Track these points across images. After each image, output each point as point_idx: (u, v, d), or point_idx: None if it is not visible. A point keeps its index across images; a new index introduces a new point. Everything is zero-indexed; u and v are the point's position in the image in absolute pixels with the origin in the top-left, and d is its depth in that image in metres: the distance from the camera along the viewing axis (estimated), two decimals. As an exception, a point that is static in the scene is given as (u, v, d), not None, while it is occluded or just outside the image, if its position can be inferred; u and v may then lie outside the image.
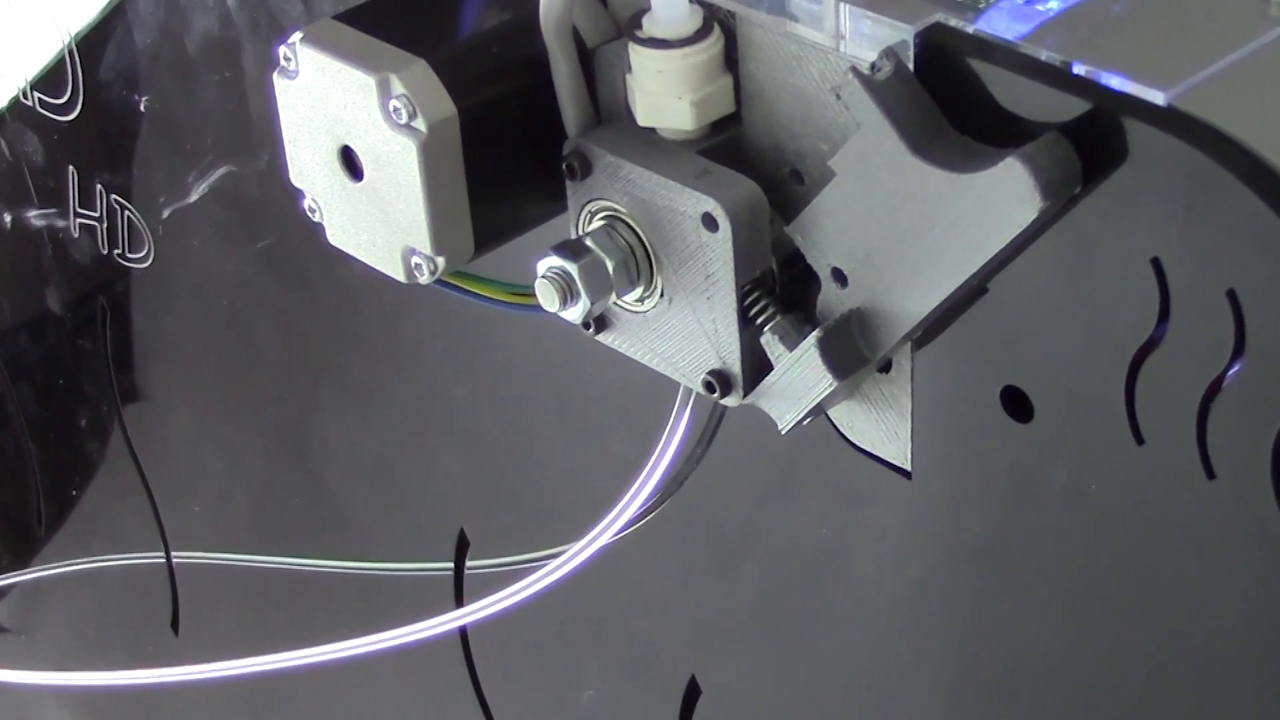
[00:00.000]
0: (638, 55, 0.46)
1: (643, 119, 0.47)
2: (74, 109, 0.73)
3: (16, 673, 0.94)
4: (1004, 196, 0.41)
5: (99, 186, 0.75)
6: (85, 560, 0.91)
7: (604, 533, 0.52)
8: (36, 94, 0.74)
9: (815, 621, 0.56)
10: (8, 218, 0.81)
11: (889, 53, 0.42)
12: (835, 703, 0.56)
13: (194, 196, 0.70)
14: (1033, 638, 0.49)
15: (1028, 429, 0.45)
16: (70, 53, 0.71)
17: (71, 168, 0.76)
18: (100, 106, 0.72)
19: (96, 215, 0.76)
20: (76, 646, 0.96)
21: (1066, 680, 0.48)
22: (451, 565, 0.69)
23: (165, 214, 0.72)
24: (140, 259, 0.75)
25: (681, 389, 0.51)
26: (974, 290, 0.44)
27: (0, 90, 0.77)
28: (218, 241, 0.72)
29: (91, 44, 0.71)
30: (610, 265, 0.47)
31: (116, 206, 0.75)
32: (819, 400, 0.46)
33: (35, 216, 0.79)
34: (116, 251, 0.76)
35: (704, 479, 0.55)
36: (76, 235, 0.78)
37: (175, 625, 0.88)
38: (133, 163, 0.73)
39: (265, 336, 0.74)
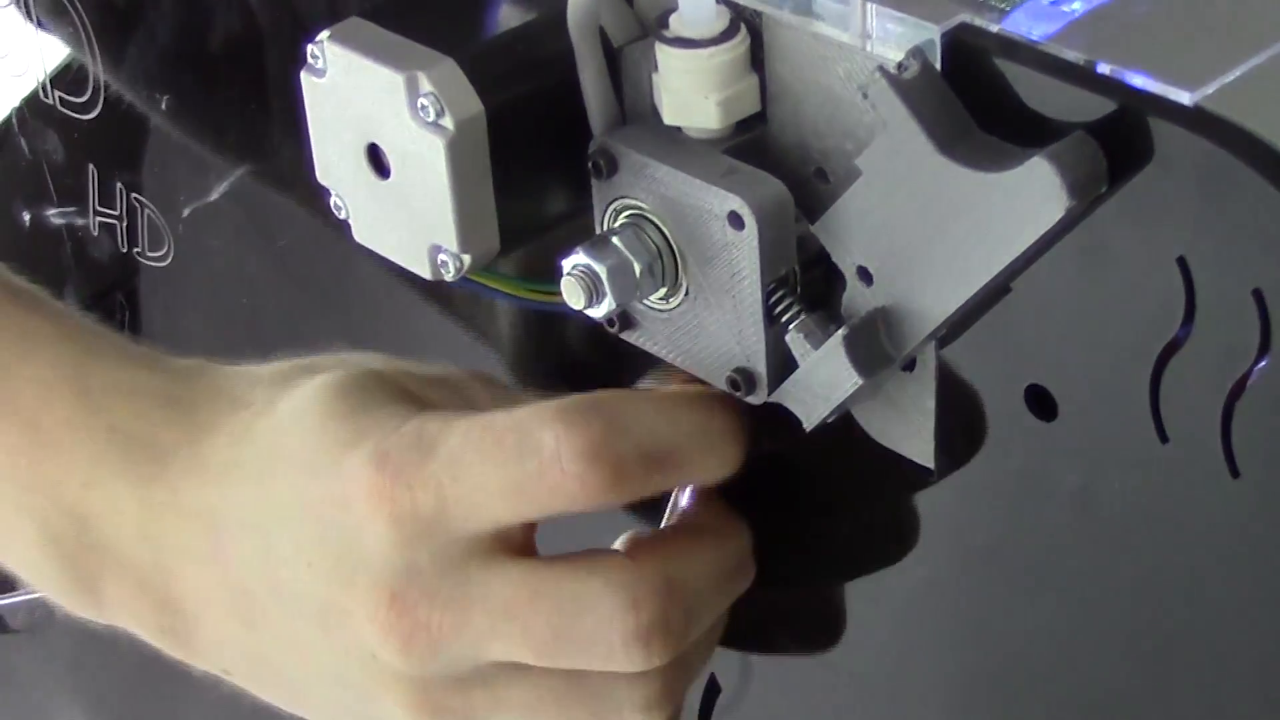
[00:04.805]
0: (664, 54, 0.46)
1: (669, 118, 0.47)
2: (94, 108, 0.73)
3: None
4: (1030, 196, 0.41)
5: (119, 185, 0.75)
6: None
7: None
8: (57, 92, 0.74)
9: (831, 617, 0.56)
10: (27, 216, 0.81)
11: (916, 52, 0.43)
12: (846, 701, 0.56)
13: (214, 195, 0.71)
14: (1054, 637, 0.49)
15: (1052, 428, 0.45)
16: (91, 51, 0.71)
17: (91, 166, 0.76)
18: (121, 105, 0.73)
19: (116, 214, 0.76)
20: (88, 645, 0.96)
21: (1087, 680, 0.48)
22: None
23: (185, 213, 0.73)
24: (160, 258, 0.75)
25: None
26: (998, 289, 0.44)
27: (19, 88, 0.77)
28: (237, 241, 0.72)
29: (113, 42, 0.71)
30: (636, 263, 0.47)
31: (136, 205, 0.75)
32: (844, 399, 0.46)
33: (54, 215, 0.80)
34: (136, 250, 0.76)
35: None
36: (96, 234, 0.78)
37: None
38: (153, 162, 0.74)
39: (283, 336, 0.74)
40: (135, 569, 0.54)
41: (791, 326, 0.46)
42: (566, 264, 0.47)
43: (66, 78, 0.74)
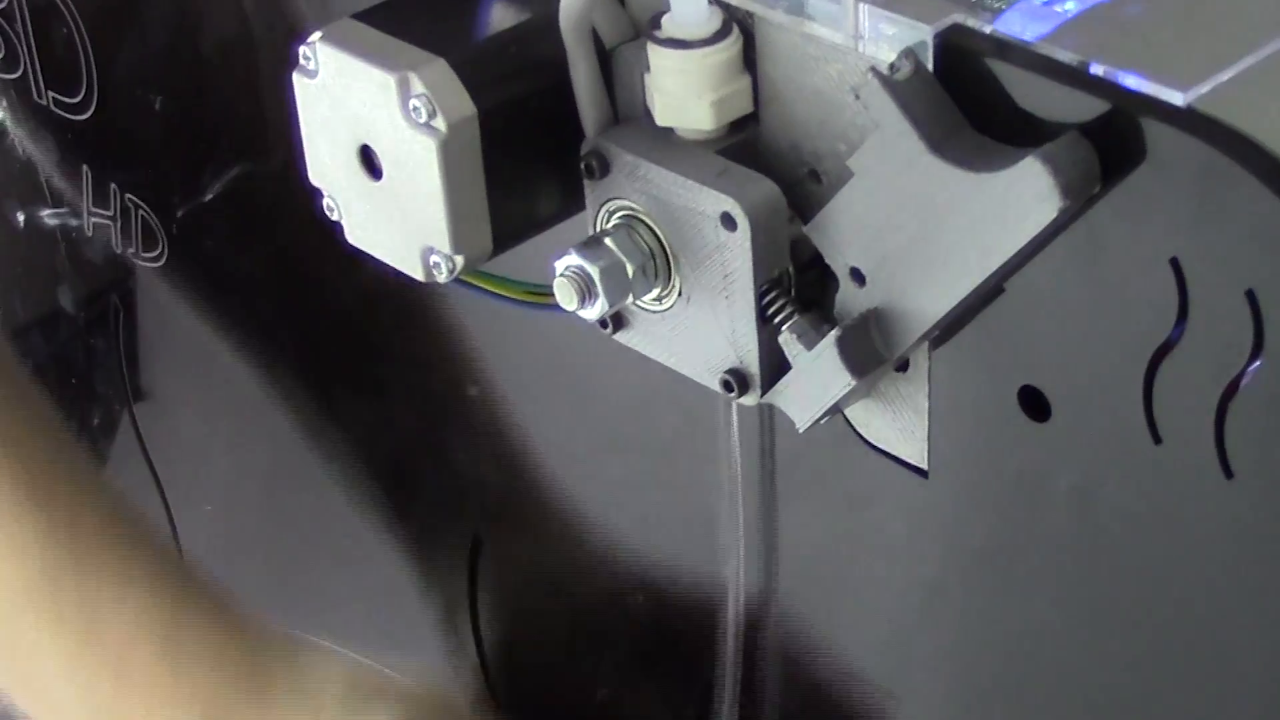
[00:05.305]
0: (657, 55, 0.46)
1: (661, 119, 0.47)
2: (88, 108, 0.73)
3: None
4: (1023, 196, 0.41)
5: (113, 185, 0.75)
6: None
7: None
8: (51, 93, 0.74)
9: (826, 620, 0.56)
10: (21, 217, 0.81)
11: (908, 53, 0.42)
12: (845, 703, 0.56)
13: (208, 196, 0.71)
14: (1048, 638, 0.49)
15: (1045, 429, 0.45)
16: (85, 52, 0.71)
17: (86, 167, 0.76)
18: (115, 106, 0.72)
19: (110, 214, 0.76)
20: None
21: (1081, 681, 0.48)
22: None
23: (179, 213, 0.73)
24: (154, 258, 0.75)
25: (722, 405, 0.51)
26: (991, 290, 0.44)
27: (13, 89, 0.77)
28: (231, 240, 0.72)
29: (106, 43, 0.71)
30: (628, 264, 0.47)
31: (130, 205, 0.75)
32: (836, 399, 0.46)
33: (49, 215, 0.80)
34: (130, 250, 0.76)
35: (713, 480, 0.56)
36: (90, 234, 0.78)
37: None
38: (147, 162, 0.74)
39: (277, 335, 0.74)
40: None
41: (784, 327, 0.46)
42: (559, 265, 0.47)
43: (61, 79, 0.74)
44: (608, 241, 0.47)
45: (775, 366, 0.47)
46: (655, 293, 0.48)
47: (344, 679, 0.58)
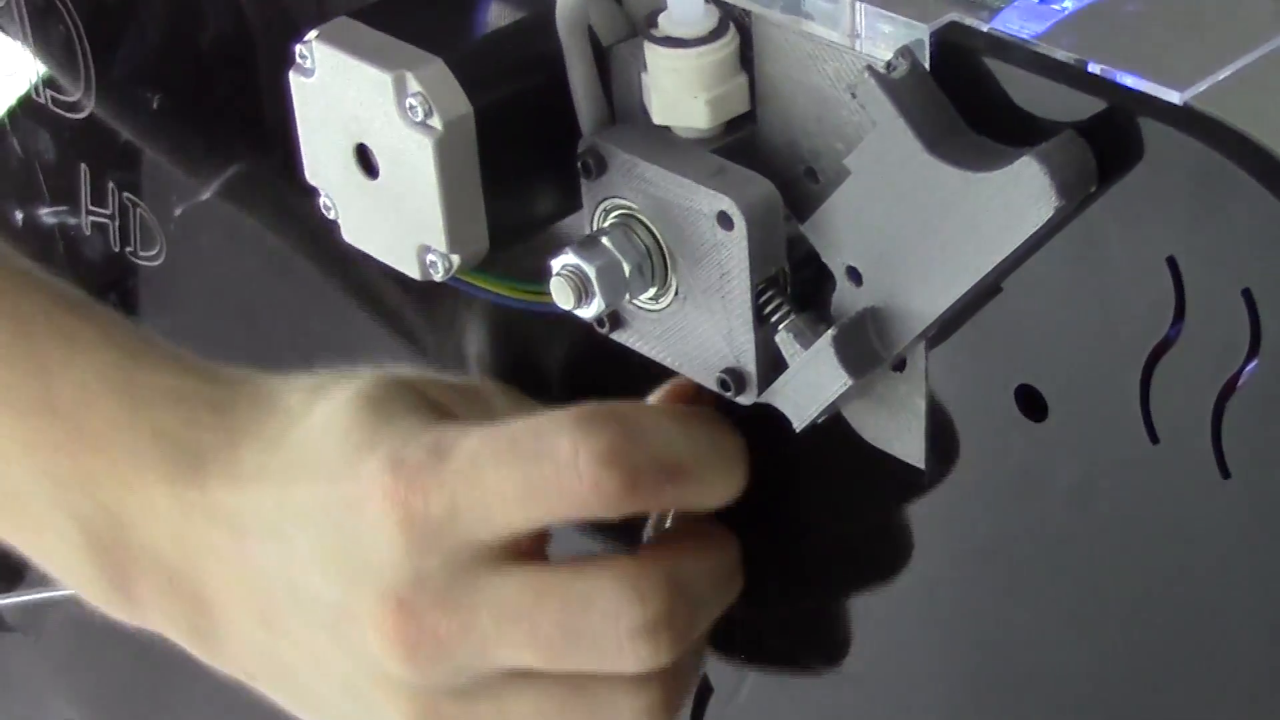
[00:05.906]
0: (653, 54, 0.46)
1: (658, 117, 0.47)
2: (86, 106, 0.73)
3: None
4: (1020, 195, 0.41)
5: (111, 184, 0.75)
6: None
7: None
8: (49, 92, 0.74)
9: (823, 619, 0.56)
10: (19, 216, 0.81)
11: (905, 51, 0.42)
12: (842, 702, 0.56)
13: (206, 194, 0.70)
14: (1044, 638, 0.49)
15: (1042, 428, 0.45)
16: (83, 50, 0.71)
17: (84, 165, 0.76)
18: (113, 104, 0.72)
19: (108, 213, 0.76)
20: (83, 643, 0.96)
21: (1079, 679, 0.48)
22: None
23: (177, 212, 0.73)
24: (152, 257, 0.75)
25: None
26: (988, 289, 0.44)
27: (11, 88, 0.77)
28: (229, 239, 0.72)
29: (104, 41, 0.71)
30: (625, 263, 0.47)
31: (128, 204, 0.75)
32: (833, 399, 0.46)
33: (47, 214, 0.79)
34: (128, 249, 0.76)
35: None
36: (88, 233, 0.78)
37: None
38: (145, 161, 0.74)
39: (277, 335, 0.74)
40: (166, 568, 0.55)
41: (781, 326, 0.46)
42: (556, 264, 0.47)
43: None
44: (604, 240, 0.47)
45: (772, 366, 0.47)
46: (652, 292, 0.48)
47: (310, 380, 0.55)
